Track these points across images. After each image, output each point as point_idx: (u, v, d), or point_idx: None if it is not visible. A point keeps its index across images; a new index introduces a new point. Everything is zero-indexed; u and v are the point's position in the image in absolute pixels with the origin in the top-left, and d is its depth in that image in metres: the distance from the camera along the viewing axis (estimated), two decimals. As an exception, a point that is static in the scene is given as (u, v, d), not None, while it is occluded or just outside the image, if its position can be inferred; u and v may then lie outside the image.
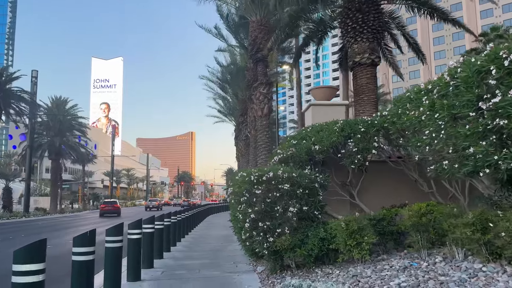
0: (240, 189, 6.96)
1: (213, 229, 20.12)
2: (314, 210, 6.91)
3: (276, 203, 6.77)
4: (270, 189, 6.76)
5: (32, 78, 34.11)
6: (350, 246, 6.29)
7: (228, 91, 33.92)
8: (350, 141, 7.08)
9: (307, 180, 6.82)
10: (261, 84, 15.78)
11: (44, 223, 26.34)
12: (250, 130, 20.13)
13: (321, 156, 7.27)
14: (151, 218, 9.20)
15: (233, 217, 8.91)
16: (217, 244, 13.26)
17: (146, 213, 41.63)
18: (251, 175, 6.78)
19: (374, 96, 11.30)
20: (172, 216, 12.75)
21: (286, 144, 7.85)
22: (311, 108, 8.74)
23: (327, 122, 7.66)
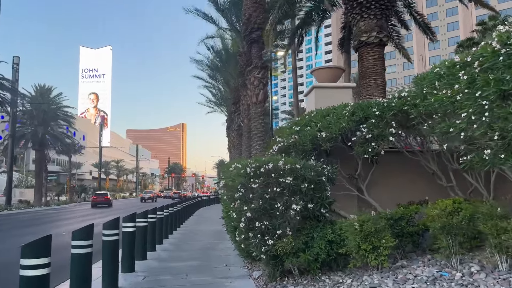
0: (234, 183, 5.92)
1: (204, 223, 19.10)
2: (321, 208, 5.90)
3: (276, 200, 5.75)
4: (269, 183, 5.74)
5: (14, 65, 32.48)
6: (365, 251, 5.30)
7: (219, 79, 32.65)
8: (362, 127, 6.05)
9: (313, 172, 5.80)
10: (256, 68, 14.64)
11: (25, 217, 25.07)
12: (243, 119, 19.04)
13: (328, 144, 6.25)
14: (131, 215, 8.13)
15: (226, 214, 7.89)
16: (207, 241, 12.25)
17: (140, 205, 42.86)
18: (247, 166, 5.74)
19: (382, 80, 10.28)
20: (158, 211, 11.69)
21: (287, 131, 6.80)
22: (314, 91, 7.70)
23: (335, 105, 6.63)
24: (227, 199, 6.36)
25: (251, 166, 5.73)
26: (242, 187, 5.84)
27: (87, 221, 21.67)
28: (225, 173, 7.70)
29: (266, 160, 5.83)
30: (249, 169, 5.70)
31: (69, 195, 53.10)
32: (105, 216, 25.73)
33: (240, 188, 5.83)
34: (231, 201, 6.16)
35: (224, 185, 6.24)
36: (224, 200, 8.17)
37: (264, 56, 16.09)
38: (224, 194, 7.05)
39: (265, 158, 5.95)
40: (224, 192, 7.03)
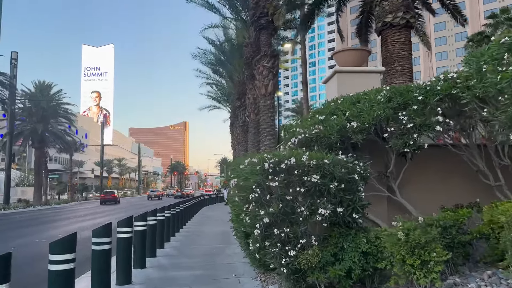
0: (248, 182, 4.92)
1: (208, 224, 18.13)
2: (353, 212, 4.89)
3: (299, 202, 4.75)
4: (291, 182, 4.74)
5: (12, 61, 31.52)
6: (411, 267, 4.29)
7: (222, 74, 31.56)
8: (402, 115, 5.03)
9: (344, 169, 4.79)
10: (265, 57, 13.57)
11: (23, 217, 24.18)
12: (249, 113, 18.00)
13: (359, 136, 5.24)
14: (128, 218, 7.15)
15: (235, 217, 6.91)
16: (213, 245, 11.27)
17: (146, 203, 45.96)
18: (264, 162, 4.73)
19: (409, 66, 9.25)
20: (159, 213, 10.71)
21: (308, 121, 5.79)
22: (336, 76, 6.69)
23: (366, 91, 5.62)
24: (239, 200, 5.36)
25: (270, 161, 4.72)
26: (257, 187, 4.83)
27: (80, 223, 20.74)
28: (235, 171, 6.70)
29: (287, 155, 4.82)
30: (267, 165, 4.69)
31: (70, 194, 52.23)
32: (104, 216, 24.80)
33: (255, 188, 4.82)
34: (244, 204, 5.17)
35: (236, 186, 5.23)
36: (234, 202, 7.19)
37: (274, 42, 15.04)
38: (233, 195, 6.05)
39: (286, 152, 4.94)
40: (233, 192, 6.02)
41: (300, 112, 55.58)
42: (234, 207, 7.45)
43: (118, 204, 43.37)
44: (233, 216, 7.44)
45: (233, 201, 7.16)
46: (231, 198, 7.84)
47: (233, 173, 6.85)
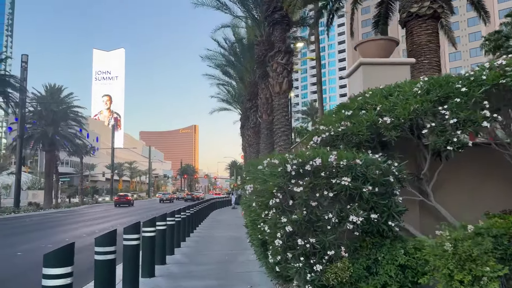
0: (268, 186, 4.36)
1: (219, 228, 17.60)
2: (388, 219, 4.29)
3: (327, 208, 4.18)
4: (317, 185, 4.16)
5: (22, 63, 31.45)
6: (460, 283, 3.67)
7: (233, 75, 31.07)
8: (443, 109, 4.42)
9: (378, 171, 4.19)
10: (279, 53, 12.98)
11: (32, 221, 23.91)
12: (262, 114, 17.43)
13: (393, 133, 4.64)
14: (135, 224, 6.63)
15: (251, 224, 6.35)
16: (225, 251, 10.71)
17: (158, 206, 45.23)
18: (286, 163, 4.16)
19: (437, 59, 8.61)
20: (169, 217, 10.19)
21: (332, 117, 5.21)
22: (361, 69, 6.10)
23: (399, 82, 5.03)
24: (257, 206, 4.79)
25: (293, 162, 4.15)
26: (279, 191, 4.27)
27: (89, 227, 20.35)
28: (251, 173, 6.15)
29: (312, 155, 4.25)
30: (290, 166, 4.12)
31: (80, 197, 52.19)
32: (114, 220, 24.42)
33: (276, 192, 4.26)
34: (263, 210, 4.60)
35: (253, 192, 4.65)
36: (249, 207, 6.64)
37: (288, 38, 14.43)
38: (250, 199, 5.49)
39: (311, 151, 4.37)
40: (250, 197, 5.46)
41: (311, 114, 54.85)
42: (249, 212, 6.89)
43: (131, 207, 44.65)
44: (248, 222, 6.88)
45: (249, 205, 6.61)
46: (246, 202, 7.30)
47: (249, 175, 6.30)
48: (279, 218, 4.27)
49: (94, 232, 16.64)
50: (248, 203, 6.56)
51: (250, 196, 5.29)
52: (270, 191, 4.33)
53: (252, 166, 6.17)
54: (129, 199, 47.86)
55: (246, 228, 7.12)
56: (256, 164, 6.03)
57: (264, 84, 17.35)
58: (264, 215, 4.60)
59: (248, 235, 7.28)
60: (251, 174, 6.08)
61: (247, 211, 7.41)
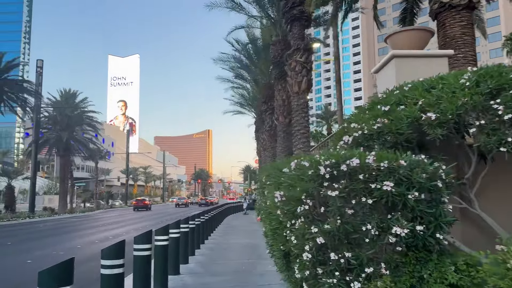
0: (295, 192, 3.80)
1: (234, 235, 17.06)
2: (435, 231, 3.68)
3: (365, 218, 3.60)
4: (353, 190, 3.59)
5: (37, 69, 31.60)
6: (531, 310, 3.05)
7: (247, 78, 30.60)
8: (495, 103, 3.82)
9: (425, 174, 3.60)
10: (298, 50, 12.40)
11: (46, 226, 23.76)
12: (278, 116, 16.85)
13: (438, 131, 4.04)
14: (146, 233, 6.13)
15: (271, 232, 5.81)
16: (241, 260, 10.17)
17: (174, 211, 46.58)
18: (319, 165, 3.60)
19: (473, 53, 7.97)
20: (183, 224, 9.70)
21: (365, 114, 4.63)
22: (393, 61, 5.51)
23: (443, 74, 4.44)
24: (281, 214, 4.24)
25: (325, 163, 3.58)
26: (308, 197, 3.71)
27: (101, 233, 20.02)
28: (272, 177, 5.62)
29: (349, 154, 3.68)
30: (323, 168, 3.56)
31: (96, 202, 52.30)
32: (128, 225, 24.11)
33: (305, 198, 3.70)
34: (289, 218, 4.05)
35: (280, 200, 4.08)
36: (269, 214, 6.12)
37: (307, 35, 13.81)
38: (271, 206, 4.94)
39: (346, 152, 3.80)
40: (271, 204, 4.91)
41: (326, 118, 53.98)
42: (269, 220, 6.35)
43: (149, 211, 46.00)
44: (268, 230, 6.32)
45: (269, 212, 6.08)
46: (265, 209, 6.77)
47: (270, 179, 5.77)
48: (308, 228, 3.71)
49: (107, 238, 16.29)
50: (269, 210, 6.03)
51: (271, 203, 4.74)
52: (298, 197, 3.77)
53: (274, 169, 5.63)
54: (146, 204, 49.84)
55: (266, 237, 6.59)
56: (278, 167, 5.49)
57: (281, 85, 16.83)
58: (289, 224, 4.05)
59: (267, 244, 6.74)
60: (272, 179, 5.55)
61: (266, 218, 6.86)
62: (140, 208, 48.33)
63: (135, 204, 50.13)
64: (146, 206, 49.34)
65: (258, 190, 12.60)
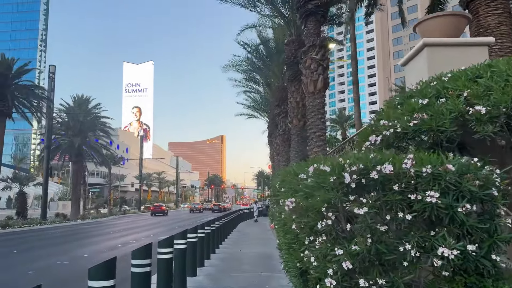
0: (314, 202, 3.12)
1: (246, 243, 16.38)
2: (490, 251, 2.96)
3: (402, 236, 2.91)
4: (387, 203, 2.89)
5: (50, 74, 31.57)
6: None
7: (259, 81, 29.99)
8: None
9: (477, 181, 2.89)
10: (313, 47, 11.67)
11: (56, 233, 23.44)
12: (292, 119, 16.17)
13: (489, 128, 3.33)
14: (146, 246, 5.52)
15: (286, 246, 5.16)
16: (254, 272, 9.49)
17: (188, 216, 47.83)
18: (343, 170, 2.92)
19: (511, 44, 7.19)
20: (190, 234, 9.08)
21: (397, 111, 3.93)
22: (425, 51, 4.80)
23: (490, 61, 3.73)
24: (297, 229, 3.56)
25: (352, 169, 2.90)
26: (330, 209, 3.03)
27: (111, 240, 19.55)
28: (287, 183, 4.95)
29: (379, 158, 3.00)
30: (348, 176, 2.87)
31: (108, 208, 52.22)
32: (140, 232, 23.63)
33: (327, 211, 3.02)
34: (307, 235, 3.37)
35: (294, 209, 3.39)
36: (284, 225, 5.48)
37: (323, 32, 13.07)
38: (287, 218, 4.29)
39: (375, 155, 3.10)
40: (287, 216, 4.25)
41: (340, 122, 52.97)
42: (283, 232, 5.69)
43: (166, 216, 48.25)
44: (282, 243, 5.66)
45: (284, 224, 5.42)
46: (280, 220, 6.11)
47: (284, 185, 5.09)
48: (331, 248, 3.03)
49: (115, 247, 15.80)
50: (284, 221, 5.36)
51: (287, 214, 4.07)
52: (318, 209, 3.09)
53: (289, 174, 4.95)
54: (163, 209, 52.38)
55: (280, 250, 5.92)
56: (294, 172, 4.82)
57: (294, 87, 16.16)
58: (308, 241, 3.37)
59: (281, 258, 6.06)
60: (287, 185, 4.87)
61: (280, 230, 6.18)
62: (157, 213, 50.35)
63: (153, 210, 52.22)
64: (163, 212, 51.31)
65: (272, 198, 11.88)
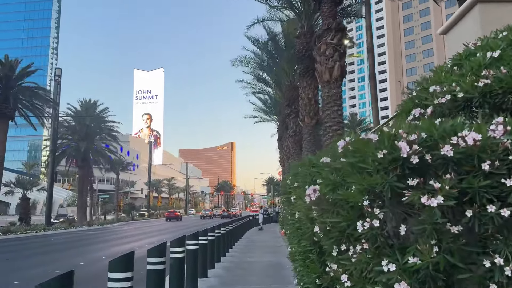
0: (351, 195, 2.06)
1: (255, 251, 15.30)
2: None
3: (487, 243, 1.84)
4: (465, 191, 1.82)
5: (56, 77, 31.04)
6: None
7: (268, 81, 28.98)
8: None
9: None
10: (328, 31, 10.53)
11: (58, 239, 22.61)
12: (303, 117, 15.06)
13: None
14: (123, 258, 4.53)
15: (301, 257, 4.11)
16: (263, 284, 8.42)
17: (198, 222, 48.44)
18: (396, 139, 1.86)
19: None
20: (189, 240, 8.06)
21: (451, 76, 2.86)
22: (477, 8, 3.78)
23: None
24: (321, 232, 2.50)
25: (410, 140, 1.84)
26: (374, 203, 1.97)
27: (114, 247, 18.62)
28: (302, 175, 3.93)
29: (450, 125, 1.93)
30: (406, 147, 1.81)
31: (116, 214, 51.51)
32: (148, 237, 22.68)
33: (370, 207, 1.96)
34: (336, 242, 2.31)
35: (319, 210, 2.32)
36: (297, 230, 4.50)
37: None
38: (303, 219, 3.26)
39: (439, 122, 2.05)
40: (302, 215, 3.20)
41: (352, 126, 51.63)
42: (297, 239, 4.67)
43: (180, 221, 50.80)
44: (295, 252, 4.61)
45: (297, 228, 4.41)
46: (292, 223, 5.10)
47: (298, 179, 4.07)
48: (376, 262, 1.97)
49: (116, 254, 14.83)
50: (297, 224, 4.31)
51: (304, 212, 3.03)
52: (354, 203, 2.04)
53: (304, 166, 3.90)
54: (178, 215, 56.13)
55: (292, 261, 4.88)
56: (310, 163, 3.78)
57: (306, 82, 15.11)
58: (337, 251, 2.31)
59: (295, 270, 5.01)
60: (301, 178, 3.82)
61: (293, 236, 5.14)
62: (172, 219, 53.84)
63: (168, 215, 56.25)
64: (177, 217, 54.84)
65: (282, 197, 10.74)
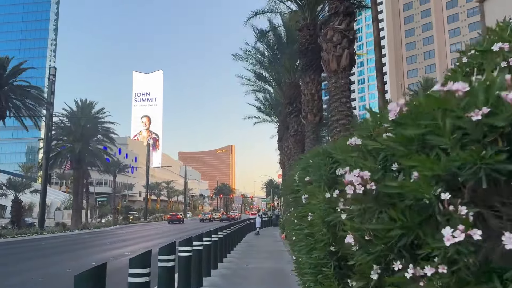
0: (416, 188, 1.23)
1: (254, 257, 14.47)
2: None
3: None
4: None
5: (50, 76, 30.24)
6: None
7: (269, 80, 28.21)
8: None
9: None
10: (336, 15, 9.67)
11: (49, 243, 21.76)
12: (306, 114, 14.20)
13: None
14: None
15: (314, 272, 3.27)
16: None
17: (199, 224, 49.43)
18: (499, 90, 1.03)
19: None
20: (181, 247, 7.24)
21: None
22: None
23: None
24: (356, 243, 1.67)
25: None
26: (456, 198, 1.15)
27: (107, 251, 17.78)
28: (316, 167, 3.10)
29: None
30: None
31: (113, 217, 50.58)
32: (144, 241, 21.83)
33: (451, 203, 1.14)
34: (375, 260, 1.48)
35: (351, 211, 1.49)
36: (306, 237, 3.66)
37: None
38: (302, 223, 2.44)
39: None
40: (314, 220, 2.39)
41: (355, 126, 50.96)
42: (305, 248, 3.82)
43: (182, 224, 51.38)
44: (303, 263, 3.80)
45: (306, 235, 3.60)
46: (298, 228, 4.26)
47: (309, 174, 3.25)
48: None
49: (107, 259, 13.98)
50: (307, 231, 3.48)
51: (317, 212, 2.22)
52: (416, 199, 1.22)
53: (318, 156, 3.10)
54: (179, 218, 56.26)
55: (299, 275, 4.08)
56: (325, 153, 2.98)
57: (309, 77, 14.32)
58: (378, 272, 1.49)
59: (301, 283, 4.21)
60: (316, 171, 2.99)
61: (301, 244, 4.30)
62: (174, 221, 54.28)
63: (170, 218, 56.67)
64: (179, 220, 55.17)
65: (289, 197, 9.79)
